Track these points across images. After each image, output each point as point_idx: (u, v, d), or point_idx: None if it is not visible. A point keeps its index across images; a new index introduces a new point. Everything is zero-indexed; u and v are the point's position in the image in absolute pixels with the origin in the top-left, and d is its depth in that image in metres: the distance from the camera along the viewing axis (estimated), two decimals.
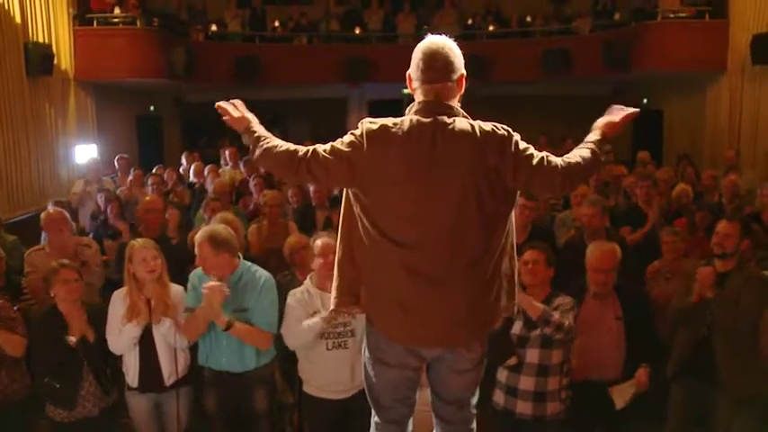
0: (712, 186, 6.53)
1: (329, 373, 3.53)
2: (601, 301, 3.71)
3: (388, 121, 2.11)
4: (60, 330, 3.47)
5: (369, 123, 2.11)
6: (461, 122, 2.08)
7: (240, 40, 12.69)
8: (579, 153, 2.16)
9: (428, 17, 12.96)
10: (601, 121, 2.25)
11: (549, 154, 2.13)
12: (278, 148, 2.14)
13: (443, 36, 2.18)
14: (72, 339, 3.44)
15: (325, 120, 12.53)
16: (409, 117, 2.10)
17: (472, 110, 2.16)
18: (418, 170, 2.03)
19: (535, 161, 2.08)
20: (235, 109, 2.25)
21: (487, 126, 2.10)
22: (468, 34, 12.84)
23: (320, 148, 2.12)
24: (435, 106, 2.10)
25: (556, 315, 3.32)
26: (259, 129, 2.23)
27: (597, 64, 11.47)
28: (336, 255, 2.24)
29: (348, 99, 13.69)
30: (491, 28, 12.76)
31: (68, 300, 3.53)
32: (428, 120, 2.07)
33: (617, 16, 11.95)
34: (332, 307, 2.28)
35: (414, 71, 2.16)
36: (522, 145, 2.11)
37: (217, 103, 2.27)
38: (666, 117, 12.28)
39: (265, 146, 2.16)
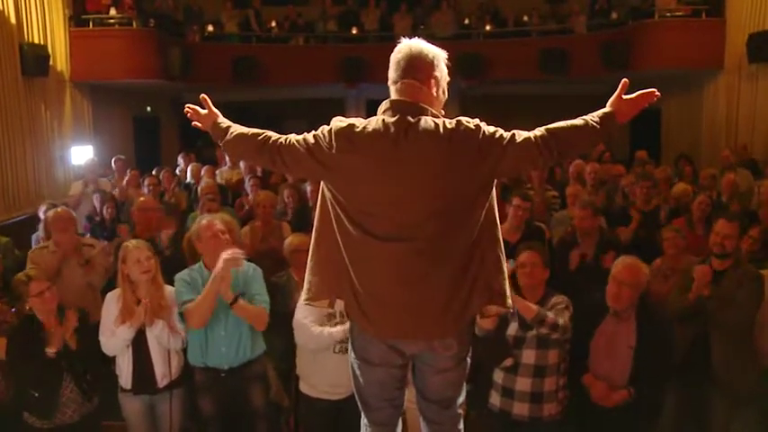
0: (711, 185, 6.53)
1: (332, 375, 3.52)
2: (616, 325, 3.49)
3: (357, 120, 2.13)
4: (39, 341, 3.38)
5: (338, 122, 2.14)
6: (426, 121, 2.07)
7: (237, 41, 12.67)
8: (569, 121, 2.07)
9: (425, 17, 12.96)
10: (612, 100, 2.10)
11: (519, 131, 2.08)
12: (249, 133, 2.25)
13: (419, 39, 2.19)
14: (51, 351, 3.35)
15: (322, 120, 12.41)
16: (377, 117, 2.12)
17: (469, 109, 2.15)
18: (383, 169, 2.05)
19: (505, 143, 2.05)
20: (201, 108, 2.37)
21: (452, 123, 2.07)
22: (465, 34, 12.87)
23: (294, 138, 2.19)
24: (402, 105, 2.11)
25: (550, 315, 3.30)
26: (226, 120, 2.34)
27: (594, 63, 11.47)
28: (311, 250, 2.26)
29: (345, 99, 13.68)
30: (488, 27, 12.76)
31: (45, 310, 3.44)
32: (393, 119, 2.08)
33: (614, 15, 11.95)
34: (303, 299, 2.29)
35: (394, 71, 2.18)
36: (491, 131, 2.08)
37: (186, 107, 2.39)
38: (664, 116, 12.29)
39: (236, 132, 2.27)
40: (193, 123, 2.41)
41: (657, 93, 2.08)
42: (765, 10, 8.89)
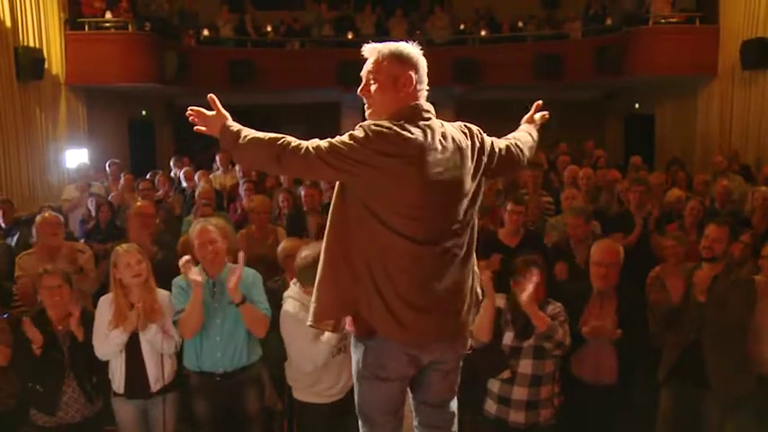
0: (704, 191, 6.55)
1: (329, 379, 3.50)
2: (601, 302, 3.67)
3: (391, 123, 2.06)
4: (46, 336, 3.43)
5: (375, 126, 2.04)
6: (449, 126, 2.20)
7: (232, 45, 12.67)
8: (520, 133, 2.54)
9: (420, 22, 13.00)
10: (527, 118, 2.68)
11: (499, 140, 2.40)
12: (265, 138, 2.03)
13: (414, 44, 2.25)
14: (36, 349, 3.39)
15: (318, 124, 12.51)
16: (405, 123, 2.08)
17: (463, 114, 2.22)
18: (427, 173, 2.06)
19: (499, 148, 2.33)
20: (208, 109, 2.13)
21: (466, 129, 2.25)
22: (461, 39, 12.89)
23: (320, 143, 2.03)
24: (424, 110, 2.17)
25: (560, 332, 3.32)
26: (236, 123, 2.10)
27: (589, 69, 11.51)
28: (321, 268, 2.16)
29: (341, 103, 13.68)
30: (483, 32, 12.79)
31: (56, 306, 3.48)
32: (426, 123, 2.13)
33: (608, 21, 11.99)
34: (309, 322, 2.19)
35: (416, 74, 2.18)
36: (490, 138, 2.33)
37: (188, 110, 2.13)
38: (658, 122, 12.33)
39: (249, 136, 2.04)
40: (196, 128, 2.13)
41: (547, 115, 2.69)
42: (759, 17, 8.95)
